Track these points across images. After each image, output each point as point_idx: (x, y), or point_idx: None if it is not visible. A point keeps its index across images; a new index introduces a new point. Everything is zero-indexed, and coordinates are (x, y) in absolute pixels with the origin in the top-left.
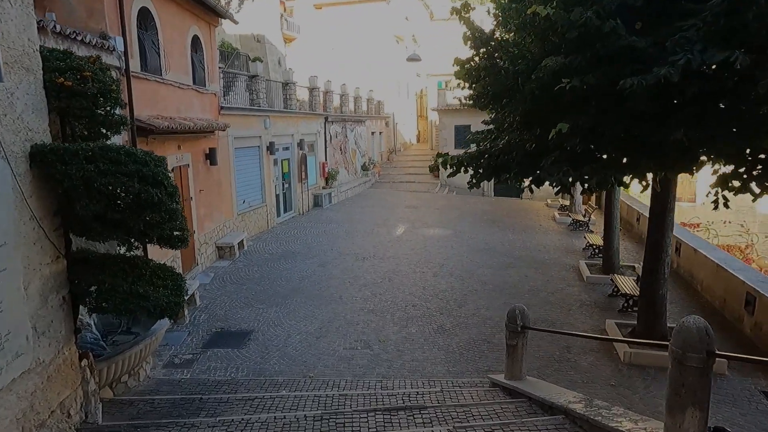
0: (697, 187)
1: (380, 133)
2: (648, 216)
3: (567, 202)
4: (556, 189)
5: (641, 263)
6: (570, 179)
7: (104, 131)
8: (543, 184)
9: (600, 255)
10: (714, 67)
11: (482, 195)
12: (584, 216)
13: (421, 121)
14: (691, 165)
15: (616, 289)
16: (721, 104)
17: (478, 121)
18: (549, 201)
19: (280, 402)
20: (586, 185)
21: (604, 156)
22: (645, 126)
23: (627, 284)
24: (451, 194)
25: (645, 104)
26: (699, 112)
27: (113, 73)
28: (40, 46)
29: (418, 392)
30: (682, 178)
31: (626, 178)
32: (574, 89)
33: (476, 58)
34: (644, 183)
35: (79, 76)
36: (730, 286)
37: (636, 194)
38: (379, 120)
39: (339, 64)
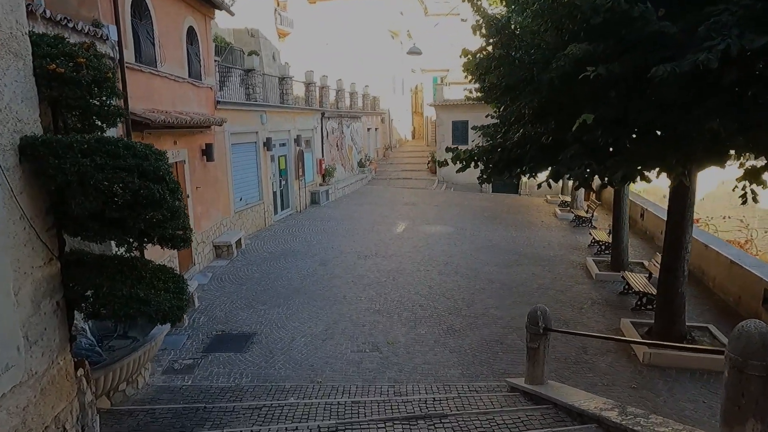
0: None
1: (376, 129)
2: (666, 212)
3: (568, 198)
4: (575, 184)
5: (650, 260)
6: (588, 172)
7: (99, 123)
8: (561, 178)
9: (607, 252)
10: (749, 53)
11: (480, 191)
12: (587, 212)
13: (417, 117)
14: (720, 157)
15: (627, 287)
16: (752, 92)
17: (476, 117)
18: (548, 197)
19: (290, 411)
20: (606, 179)
21: (626, 148)
22: (673, 116)
23: (639, 282)
24: (449, 191)
25: (675, 93)
26: (732, 101)
27: (108, 62)
28: (29, 32)
29: (434, 398)
30: None
31: (652, 173)
32: (598, 78)
33: (489, 48)
34: (672, 177)
35: (72, 64)
36: (745, 283)
37: (638, 190)
38: (374, 116)
39: (333, 59)
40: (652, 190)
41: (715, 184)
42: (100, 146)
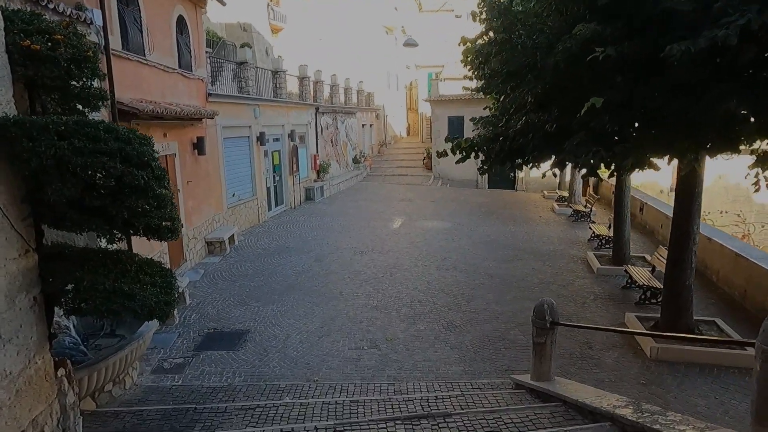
0: None
1: (371, 125)
2: (666, 206)
3: (566, 193)
4: (580, 171)
5: (653, 253)
6: (593, 160)
7: (80, 107)
8: (566, 166)
9: (607, 246)
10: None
11: (476, 187)
12: (585, 206)
13: (411, 113)
14: (733, 143)
15: (630, 281)
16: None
17: (472, 112)
18: (546, 192)
19: (285, 411)
20: (614, 166)
21: (633, 135)
22: (684, 100)
23: (643, 275)
24: (445, 187)
25: (689, 74)
26: (748, 82)
27: (90, 44)
28: (3, 8)
29: (437, 397)
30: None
31: (662, 161)
32: (606, 60)
33: (491, 33)
34: (684, 164)
35: (49, 43)
36: (751, 276)
37: (636, 184)
38: (369, 112)
39: (327, 55)
40: (649, 185)
41: (712, 179)
42: (79, 128)
